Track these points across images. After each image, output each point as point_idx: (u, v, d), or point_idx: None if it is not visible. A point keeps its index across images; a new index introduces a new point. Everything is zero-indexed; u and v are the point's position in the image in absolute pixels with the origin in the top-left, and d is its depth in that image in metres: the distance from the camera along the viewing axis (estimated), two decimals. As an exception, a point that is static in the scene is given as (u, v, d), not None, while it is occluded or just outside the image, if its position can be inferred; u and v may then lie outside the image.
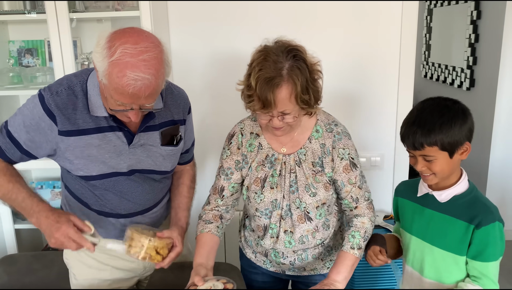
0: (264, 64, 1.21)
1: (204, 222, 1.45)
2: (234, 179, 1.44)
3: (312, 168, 1.38)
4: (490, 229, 1.18)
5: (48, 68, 2.21)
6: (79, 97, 1.24)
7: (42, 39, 2.26)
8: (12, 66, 2.20)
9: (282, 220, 1.42)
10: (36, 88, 2.10)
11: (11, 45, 2.28)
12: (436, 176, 1.24)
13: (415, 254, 1.34)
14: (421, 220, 1.32)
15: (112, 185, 1.35)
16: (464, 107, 1.23)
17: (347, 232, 1.39)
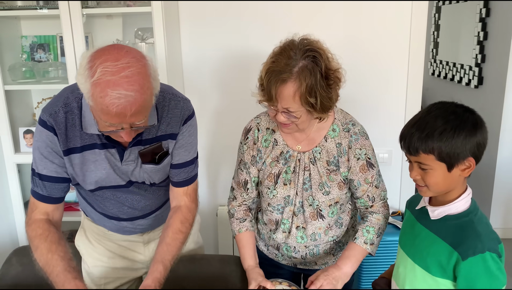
0: (278, 57, 1.22)
1: (238, 220, 1.48)
2: (253, 173, 1.46)
3: (326, 167, 1.39)
4: (478, 260, 1.03)
5: (60, 63, 2.23)
6: (75, 114, 1.22)
7: (54, 35, 2.29)
8: (24, 61, 2.23)
9: (295, 216, 1.44)
10: (48, 83, 2.15)
11: (23, 40, 2.31)
12: (429, 188, 1.12)
13: (399, 269, 1.25)
14: (410, 233, 1.23)
15: (112, 195, 1.36)
16: (476, 119, 1.09)
17: (361, 225, 1.40)
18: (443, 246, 1.10)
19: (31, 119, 2.41)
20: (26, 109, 2.38)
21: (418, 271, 1.16)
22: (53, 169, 1.24)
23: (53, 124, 1.20)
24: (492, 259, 1.03)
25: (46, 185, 1.26)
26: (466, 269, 1.05)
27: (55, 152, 1.23)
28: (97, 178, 1.29)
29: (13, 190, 2.24)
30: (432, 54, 4.51)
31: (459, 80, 3.88)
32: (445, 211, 1.13)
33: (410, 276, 1.19)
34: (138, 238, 1.51)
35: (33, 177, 1.27)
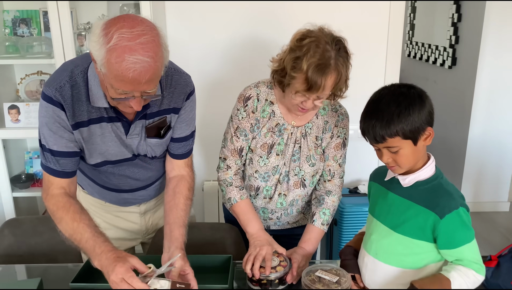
0: (316, 50, 1.28)
1: (238, 188, 1.51)
2: (250, 139, 1.51)
3: (315, 141, 1.50)
4: (454, 216, 1.14)
5: (44, 38, 2.23)
6: (81, 88, 1.22)
7: (37, 9, 2.27)
8: (7, 36, 2.21)
9: (279, 184, 1.53)
10: (32, 58, 2.15)
11: (5, 14, 2.28)
12: (401, 166, 1.21)
13: (372, 236, 1.31)
14: (383, 203, 1.30)
15: (117, 170, 1.39)
16: (420, 92, 1.18)
17: (318, 208, 1.51)
18: (419, 209, 1.19)
19: (14, 95, 2.39)
20: (10, 85, 2.37)
21: (395, 237, 1.24)
22: (63, 144, 1.25)
23: (60, 99, 1.20)
24: (464, 213, 1.15)
25: (59, 160, 1.26)
26: (445, 226, 1.14)
27: (64, 127, 1.23)
28: (103, 151, 1.31)
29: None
30: (409, 36, 4.63)
31: (434, 61, 4.02)
32: (415, 177, 1.22)
33: (385, 242, 1.27)
34: (135, 209, 1.56)
35: (44, 153, 1.27)
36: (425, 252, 1.21)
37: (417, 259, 1.23)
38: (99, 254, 1.15)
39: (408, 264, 1.24)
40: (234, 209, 1.51)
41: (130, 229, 1.58)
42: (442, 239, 1.17)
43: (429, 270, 1.24)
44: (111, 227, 1.55)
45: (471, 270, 1.17)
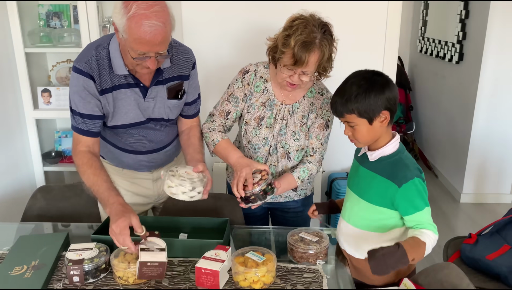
0: (304, 30, 1.49)
1: (219, 132, 1.71)
2: (240, 107, 1.73)
3: (300, 120, 1.70)
4: (410, 185, 1.31)
5: (73, 29, 2.49)
6: (105, 60, 1.49)
7: (67, 4, 2.53)
8: (42, 27, 2.48)
9: (269, 156, 1.74)
10: (63, 47, 2.41)
11: (40, 8, 2.55)
12: (358, 141, 1.39)
13: (347, 204, 1.51)
14: (355, 175, 1.48)
15: (135, 131, 1.64)
16: (384, 80, 1.33)
17: (301, 166, 1.71)
18: (381, 180, 1.36)
19: (46, 80, 2.67)
20: (43, 71, 2.65)
21: (362, 204, 1.42)
22: (90, 108, 1.51)
23: (89, 70, 1.47)
24: (419, 183, 1.32)
25: (87, 122, 1.52)
26: (402, 193, 1.32)
27: (91, 94, 1.49)
28: (123, 114, 1.57)
29: (32, 143, 2.52)
30: (421, 32, 4.73)
31: (443, 57, 4.12)
32: (380, 153, 1.39)
33: (355, 209, 1.46)
34: (148, 176, 1.80)
35: (74, 116, 1.53)
36: (388, 218, 1.40)
37: (382, 224, 1.41)
38: (111, 204, 1.40)
39: (374, 228, 1.43)
40: (216, 149, 1.68)
41: (143, 194, 1.82)
42: (402, 206, 1.34)
43: (394, 233, 1.42)
44: (127, 193, 1.79)
45: (431, 231, 1.33)
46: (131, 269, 1.34)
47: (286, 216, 1.89)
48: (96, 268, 1.37)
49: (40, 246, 1.50)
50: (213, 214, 1.79)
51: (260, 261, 1.36)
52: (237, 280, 1.35)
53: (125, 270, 1.34)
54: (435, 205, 3.71)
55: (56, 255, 1.45)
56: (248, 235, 1.73)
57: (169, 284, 1.35)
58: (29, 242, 1.54)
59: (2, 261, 1.43)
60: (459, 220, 3.51)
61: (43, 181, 2.57)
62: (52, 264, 1.40)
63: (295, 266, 1.45)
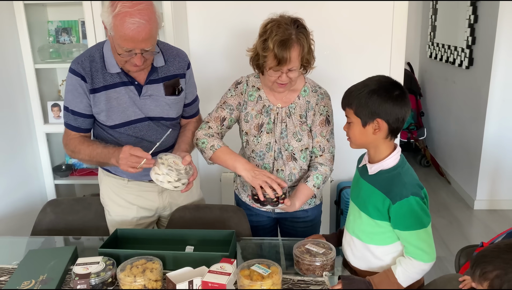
0: (278, 30, 1.54)
1: (216, 139, 1.68)
2: (234, 115, 1.75)
3: (299, 119, 1.71)
4: (404, 203, 1.28)
5: (82, 44, 2.53)
6: (98, 61, 1.57)
7: (76, 20, 2.58)
8: (51, 43, 2.53)
9: (275, 161, 1.75)
10: (72, 62, 2.44)
11: (49, 25, 2.61)
12: (351, 140, 1.39)
13: (350, 217, 1.50)
14: (356, 187, 1.46)
15: (133, 131, 1.68)
16: (397, 94, 1.29)
17: (313, 172, 1.70)
18: (379, 194, 1.34)
19: (56, 95, 2.71)
20: (52, 86, 2.69)
21: (363, 217, 1.40)
22: (81, 107, 1.61)
23: (80, 71, 1.56)
24: (415, 201, 1.28)
25: (77, 119, 1.63)
26: (395, 211, 1.30)
27: (82, 94, 1.58)
28: (120, 112, 1.62)
29: (43, 156, 2.56)
30: (430, 37, 4.70)
31: (453, 62, 4.09)
32: (379, 167, 1.37)
33: (357, 221, 1.44)
34: (153, 188, 1.80)
35: (67, 113, 1.63)
36: (388, 231, 1.38)
37: (383, 237, 1.40)
38: (112, 153, 1.52)
39: (377, 241, 1.41)
40: (218, 153, 1.64)
41: (149, 207, 1.82)
42: (393, 221, 1.34)
43: (398, 246, 1.40)
44: (132, 207, 1.80)
45: (416, 260, 1.31)
46: (137, 282, 1.34)
47: (296, 226, 1.88)
48: (102, 282, 1.37)
49: (48, 260, 1.51)
50: (220, 226, 1.79)
51: (266, 273, 1.35)
52: (242, 293, 1.35)
53: (131, 284, 1.35)
54: (448, 212, 3.66)
55: (63, 269, 1.47)
56: (255, 247, 1.72)
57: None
58: (38, 256, 1.55)
59: (11, 275, 1.45)
60: (473, 227, 3.45)
61: (54, 194, 2.60)
62: (59, 278, 1.41)
63: (301, 279, 1.44)
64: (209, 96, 2.33)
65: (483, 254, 0.98)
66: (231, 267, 1.37)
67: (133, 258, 1.44)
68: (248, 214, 1.85)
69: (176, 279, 1.32)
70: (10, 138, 2.39)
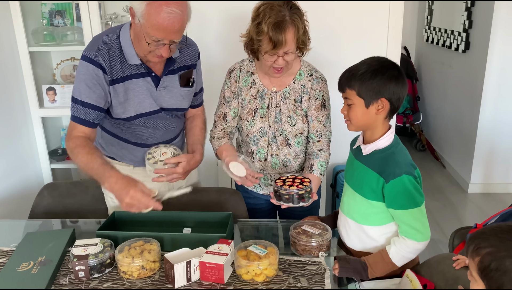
0: (271, 12, 1.51)
1: (217, 139, 1.76)
2: (233, 105, 1.75)
3: (294, 104, 1.71)
4: (397, 182, 1.28)
5: (76, 27, 2.50)
6: (116, 50, 1.50)
7: (70, 2, 2.55)
8: (45, 26, 2.50)
9: (269, 146, 1.75)
10: (67, 45, 2.42)
11: (43, 7, 2.57)
12: (351, 122, 1.36)
13: (344, 198, 1.49)
14: (351, 169, 1.45)
15: (147, 122, 1.66)
16: (397, 73, 1.30)
17: (316, 160, 1.71)
18: (373, 174, 1.34)
19: (51, 78, 2.70)
20: (47, 70, 2.67)
21: (357, 197, 1.40)
22: (94, 98, 1.50)
23: (100, 59, 1.47)
24: (408, 180, 1.28)
25: (87, 111, 1.51)
26: (389, 189, 1.30)
27: (99, 84, 1.49)
28: (136, 104, 1.58)
29: (38, 140, 2.56)
30: (427, 21, 4.68)
31: (449, 46, 4.08)
32: (373, 147, 1.36)
33: (352, 202, 1.44)
34: None
35: (75, 105, 1.52)
36: (382, 211, 1.38)
37: (377, 218, 1.40)
38: (108, 178, 1.41)
39: (371, 222, 1.42)
40: (219, 151, 1.73)
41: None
42: (387, 200, 1.34)
43: (391, 227, 1.41)
44: None
45: (410, 240, 1.32)
46: (135, 263, 1.36)
47: (294, 209, 1.88)
48: (101, 263, 1.38)
49: (46, 242, 1.52)
50: (217, 208, 1.81)
51: (263, 254, 1.37)
52: (239, 273, 1.36)
53: (129, 265, 1.36)
54: (443, 195, 3.69)
55: (62, 251, 1.47)
56: (252, 229, 1.74)
57: (173, 278, 1.37)
58: (36, 239, 1.56)
59: (9, 257, 1.46)
60: (467, 210, 3.49)
61: (51, 178, 2.60)
62: (58, 260, 1.42)
63: (298, 259, 1.46)
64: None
65: (482, 231, 0.99)
66: (228, 248, 1.39)
67: (131, 240, 1.45)
68: (245, 197, 1.86)
69: (174, 260, 1.34)
70: (5, 122, 2.38)
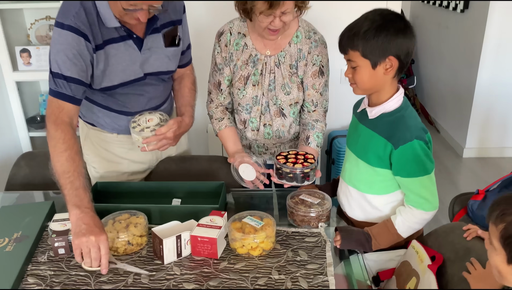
0: None
1: (217, 120, 1.66)
2: (226, 73, 1.60)
3: (289, 70, 1.56)
4: (407, 148, 1.18)
5: (50, -18, 2.28)
6: (93, 13, 1.32)
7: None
8: (15, -20, 2.28)
9: (262, 115, 1.63)
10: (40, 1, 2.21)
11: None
12: (357, 86, 1.24)
13: (346, 165, 1.40)
14: (354, 134, 1.35)
15: (132, 89, 1.50)
16: (403, 25, 1.17)
17: (311, 131, 1.60)
18: (380, 139, 1.23)
19: (25, 39, 2.49)
20: (20, 30, 2.47)
21: (361, 164, 1.31)
22: (76, 71, 1.31)
23: (79, 26, 1.29)
24: (420, 146, 1.19)
25: (71, 86, 1.32)
26: (397, 156, 1.20)
27: (80, 55, 1.31)
28: (119, 72, 1.42)
29: (14, 107, 2.39)
30: (423, -21, 4.49)
31: (447, 6, 3.92)
32: (381, 110, 1.25)
33: (354, 170, 1.35)
34: None
35: (56, 80, 1.32)
36: (387, 179, 1.29)
37: (382, 186, 1.31)
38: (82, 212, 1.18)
39: (375, 190, 1.33)
40: (220, 136, 1.66)
41: (141, 160, 1.69)
42: (394, 167, 1.24)
43: (398, 195, 1.32)
44: (123, 161, 1.67)
45: (417, 210, 1.24)
46: (120, 238, 1.25)
47: None
48: (83, 238, 1.27)
49: (23, 216, 1.40)
50: (208, 177, 1.69)
51: (259, 226, 1.27)
52: (234, 247, 1.26)
53: (114, 240, 1.25)
54: (438, 160, 3.61)
55: (40, 226, 1.36)
56: (246, 199, 1.63)
57: (162, 254, 1.26)
58: (12, 213, 1.44)
59: (-18, 234, 1.34)
60: (463, 175, 3.44)
61: (30, 147, 2.45)
62: (35, 236, 1.31)
63: (296, 230, 1.36)
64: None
65: (509, 196, 0.90)
66: (221, 220, 1.28)
67: (116, 213, 1.34)
68: None
69: (162, 234, 1.23)
70: (-24, 87, 2.20)
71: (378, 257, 1.34)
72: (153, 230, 1.25)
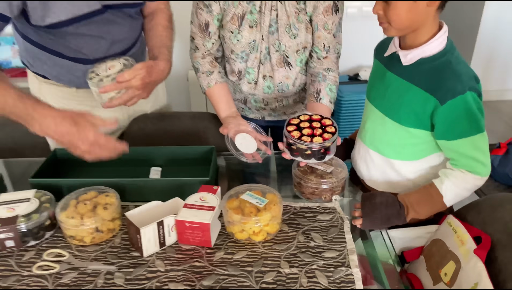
0: None
1: (204, 74, 1.34)
2: (216, 10, 1.25)
3: (295, 6, 1.23)
4: (458, 102, 0.95)
5: None
6: None
7: None
8: None
9: (261, 65, 1.32)
10: None
11: None
12: (391, 24, 0.98)
13: (366, 124, 1.16)
14: (380, 85, 1.11)
15: (87, 28, 1.18)
16: None
17: (322, 84, 1.29)
18: (418, 93, 1.00)
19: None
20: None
21: (389, 124, 1.07)
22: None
23: None
24: (473, 99, 0.95)
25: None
26: (445, 113, 0.97)
27: None
28: (65, 2, 1.09)
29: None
30: None
31: None
32: (419, 54, 1.00)
33: (379, 130, 1.11)
34: None
35: None
36: (423, 142, 1.05)
37: (414, 151, 1.08)
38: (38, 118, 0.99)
39: (405, 155, 1.09)
40: (209, 94, 1.36)
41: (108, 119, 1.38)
42: (440, 128, 1.00)
43: (432, 160, 1.09)
44: None
45: (469, 173, 1.00)
46: (85, 226, 0.98)
47: None
48: (37, 226, 1.00)
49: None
50: (193, 140, 1.40)
51: (261, 205, 1.01)
52: (231, 231, 1.01)
53: (77, 227, 0.98)
54: (436, 106, 3.46)
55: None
56: (241, 165, 1.35)
57: (140, 243, 1.00)
58: None
59: None
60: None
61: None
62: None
63: (305, 205, 1.12)
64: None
65: None
66: (214, 198, 1.02)
67: (79, 190, 1.07)
68: None
69: (139, 220, 0.96)
70: None
71: (403, 233, 1.11)
72: (127, 215, 0.98)
